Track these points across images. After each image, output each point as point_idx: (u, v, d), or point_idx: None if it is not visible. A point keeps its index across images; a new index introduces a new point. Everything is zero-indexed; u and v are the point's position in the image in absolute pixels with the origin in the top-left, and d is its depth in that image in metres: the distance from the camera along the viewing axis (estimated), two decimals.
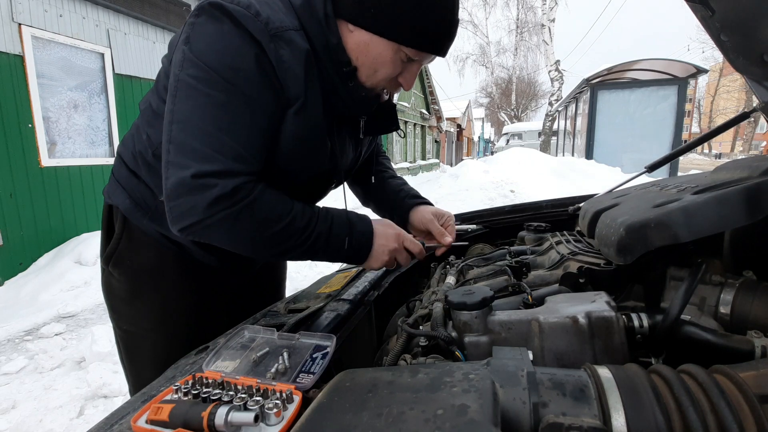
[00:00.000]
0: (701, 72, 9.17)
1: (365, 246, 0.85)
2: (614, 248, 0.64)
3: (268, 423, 0.45)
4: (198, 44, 0.69)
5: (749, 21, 0.73)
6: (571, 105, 12.99)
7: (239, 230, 0.72)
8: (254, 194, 0.71)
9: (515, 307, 0.67)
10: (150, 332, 0.96)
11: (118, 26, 5.14)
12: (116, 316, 0.99)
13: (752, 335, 0.55)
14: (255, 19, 0.68)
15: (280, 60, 0.70)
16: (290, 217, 0.75)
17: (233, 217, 0.70)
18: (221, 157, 0.68)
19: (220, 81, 0.68)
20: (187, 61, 0.69)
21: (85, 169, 4.82)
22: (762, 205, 0.57)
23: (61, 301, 3.65)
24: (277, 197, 0.76)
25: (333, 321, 0.81)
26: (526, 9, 21.44)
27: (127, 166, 0.91)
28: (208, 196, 0.67)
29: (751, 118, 2.43)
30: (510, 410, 0.39)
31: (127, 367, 1.03)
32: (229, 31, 0.68)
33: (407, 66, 0.81)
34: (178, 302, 0.96)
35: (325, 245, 0.80)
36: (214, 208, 0.68)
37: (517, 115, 32.28)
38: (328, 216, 0.82)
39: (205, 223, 0.69)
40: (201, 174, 0.67)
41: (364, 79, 0.80)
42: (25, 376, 2.49)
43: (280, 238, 0.75)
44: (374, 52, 0.77)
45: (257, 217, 0.72)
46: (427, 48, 0.78)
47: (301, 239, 0.77)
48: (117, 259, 0.94)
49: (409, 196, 1.15)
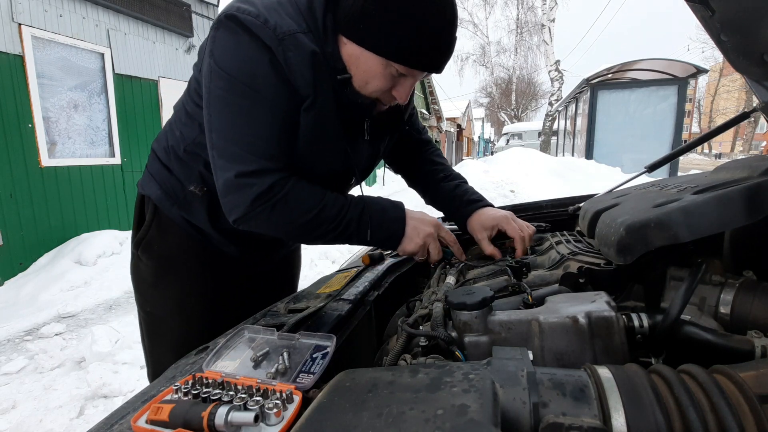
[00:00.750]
0: (701, 72, 9.18)
1: (398, 230, 0.90)
2: (614, 248, 0.64)
3: (268, 423, 0.45)
4: (220, 56, 0.77)
5: (749, 21, 0.73)
6: (571, 105, 12.99)
7: (276, 220, 0.82)
8: (287, 188, 0.81)
9: (515, 307, 0.67)
10: (169, 315, 1.05)
11: (118, 26, 5.15)
12: (141, 298, 1.09)
13: (752, 335, 0.55)
14: (264, 26, 0.74)
15: (288, 62, 0.76)
16: (321, 206, 0.83)
17: (269, 210, 0.80)
18: (255, 157, 0.78)
19: (244, 88, 0.76)
20: (214, 73, 0.78)
21: (85, 169, 4.82)
22: (762, 205, 0.57)
23: (61, 301, 3.65)
24: (309, 189, 0.84)
25: (333, 321, 0.81)
26: (526, 9, 21.45)
27: (160, 160, 1.01)
28: (250, 194, 0.78)
29: (751, 118, 2.44)
30: (510, 410, 0.39)
31: (147, 349, 1.12)
32: (244, 41, 0.75)
33: (400, 80, 0.82)
34: (197, 288, 1.04)
35: (356, 230, 0.86)
36: (255, 203, 0.79)
37: (517, 115, 32.28)
38: (360, 203, 0.88)
39: (248, 216, 0.80)
40: (241, 174, 0.78)
41: (358, 89, 0.83)
42: (25, 376, 2.50)
43: (313, 225, 0.83)
44: (364, 65, 0.79)
45: (291, 207, 0.81)
46: (416, 65, 0.78)
47: (332, 225, 0.84)
48: (146, 244, 1.03)
49: (463, 203, 1.11)
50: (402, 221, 0.90)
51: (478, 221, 1.06)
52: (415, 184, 1.22)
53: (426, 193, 1.20)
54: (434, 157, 1.21)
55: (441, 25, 0.75)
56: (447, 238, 0.95)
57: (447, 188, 1.14)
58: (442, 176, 1.17)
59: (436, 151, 1.24)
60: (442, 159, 1.23)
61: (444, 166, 1.20)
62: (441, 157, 1.23)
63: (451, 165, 1.28)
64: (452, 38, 0.79)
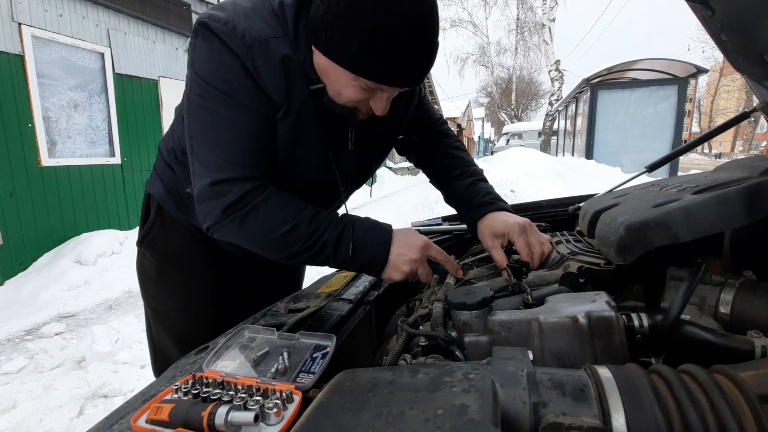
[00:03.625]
0: (701, 72, 9.17)
1: (379, 256, 0.81)
2: (614, 248, 0.64)
3: (268, 423, 0.45)
4: (198, 64, 0.76)
5: (749, 21, 0.73)
6: (571, 105, 12.99)
7: (247, 232, 0.78)
8: (259, 199, 0.77)
9: (515, 307, 0.67)
10: (174, 312, 1.06)
11: (118, 26, 5.14)
12: (147, 294, 1.10)
13: (752, 335, 0.55)
14: (232, 33, 0.72)
15: (256, 69, 0.73)
16: (296, 222, 0.78)
17: (240, 219, 0.77)
18: (230, 165, 0.76)
19: (219, 95, 0.74)
20: (193, 82, 0.76)
21: (86, 169, 4.82)
22: (762, 205, 0.57)
23: (61, 300, 3.65)
24: (286, 203, 0.79)
25: (333, 321, 0.81)
26: (526, 9, 21.45)
27: (164, 159, 1.02)
28: (223, 202, 0.76)
29: (751, 118, 2.44)
30: (510, 410, 0.39)
31: (152, 345, 1.13)
32: (217, 48, 0.73)
33: (375, 92, 0.76)
34: (200, 285, 1.05)
35: (333, 252, 0.79)
36: (227, 212, 0.76)
37: (517, 115, 32.28)
38: (341, 224, 0.81)
39: (220, 224, 0.78)
40: (216, 182, 0.76)
41: (333, 98, 0.79)
42: (25, 375, 2.49)
43: (286, 241, 0.78)
44: (333, 76, 0.75)
45: (262, 219, 0.77)
46: (384, 81, 0.72)
47: (307, 244, 0.78)
48: (149, 241, 1.05)
49: (473, 204, 1.00)
50: (386, 247, 0.81)
51: (488, 227, 0.94)
52: (434, 180, 1.14)
53: (443, 191, 1.11)
54: (451, 150, 1.11)
55: (411, 38, 0.67)
56: (438, 257, 0.85)
57: (460, 187, 1.04)
58: (457, 173, 1.07)
59: (454, 143, 1.13)
60: (460, 153, 1.12)
61: (461, 161, 1.09)
62: (459, 150, 1.12)
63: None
64: (426, 51, 0.71)
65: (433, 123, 1.14)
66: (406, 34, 0.66)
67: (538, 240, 0.90)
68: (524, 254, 0.88)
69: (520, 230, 0.90)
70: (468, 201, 1.01)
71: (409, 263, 0.81)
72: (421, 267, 0.83)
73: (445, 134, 1.15)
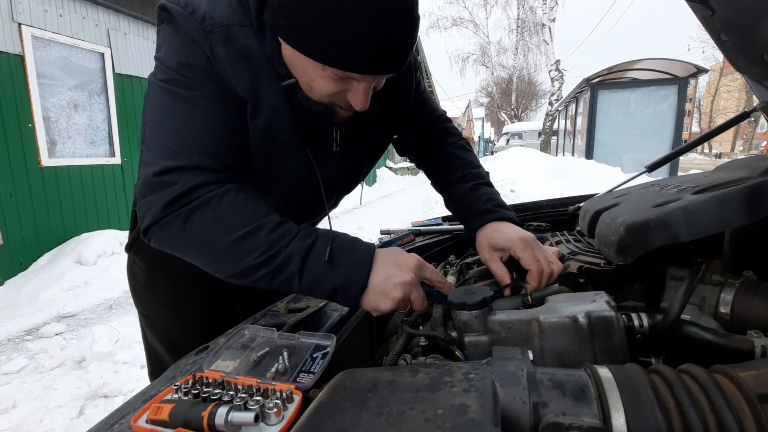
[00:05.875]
0: (701, 72, 9.18)
1: (358, 279, 0.64)
2: (614, 248, 0.64)
3: (268, 423, 0.45)
4: (161, 48, 0.71)
5: (749, 21, 0.73)
6: (571, 105, 12.99)
7: (191, 234, 0.64)
8: (212, 194, 0.65)
9: (515, 307, 0.67)
10: (165, 318, 1.04)
11: (118, 26, 5.14)
12: (138, 301, 1.07)
13: (752, 335, 0.55)
14: (191, 17, 0.66)
15: (216, 57, 0.67)
16: (254, 226, 0.63)
17: (185, 216, 0.63)
18: (185, 151, 0.66)
19: (179, 78, 0.68)
20: (156, 67, 0.70)
21: (86, 169, 4.82)
22: (762, 205, 0.57)
23: (61, 300, 3.65)
24: (244, 203, 0.66)
25: (333, 321, 0.81)
26: (526, 9, 21.46)
27: None
28: (167, 194, 0.63)
29: (751, 118, 2.44)
30: (510, 410, 0.39)
31: (147, 350, 1.11)
32: (178, 31, 0.68)
33: (351, 84, 0.67)
34: (190, 291, 1.01)
35: (299, 269, 0.63)
36: (169, 207, 0.63)
37: (517, 115, 32.27)
38: (312, 234, 0.66)
39: (161, 223, 0.64)
40: (165, 170, 0.64)
41: (307, 94, 0.71)
42: (25, 375, 2.50)
43: (239, 250, 0.63)
44: (300, 68, 0.67)
45: (211, 218, 0.63)
46: (351, 68, 0.62)
47: (266, 256, 0.63)
48: (138, 247, 1.01)
49: (472, 212, 0.88)
50: (366, 266, 0.65)
51: (487, 238, 0.82)
52: (434, 183, 1.04)
53: (443, 195, 1.01)
54: (454, 150, 1.00)
55: (379, 13, 0.58)
56: (433, 279, 0.70)
57: (460, 191, 0.93)
58: (458, 176, 0.95)
59: (457, 142, 1.02)
60: (464, 153, 1.00)
61: (463, 162, 0.98)
62: (463, 150, 1.01)
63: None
64: (400, 29, 0.61)
65: (434, 120, 1.04)
66: (372, 9, 0.57)
67: (546, 257, 0.76)
68: (534, 270, 0.74)
69: (524, 245, 0.77)
70: (468, 207, 0.90)
71: (401, 287, 0.64)
72: (415, 291, 0.67)
73: (448, 132, 1.04)
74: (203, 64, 0.68)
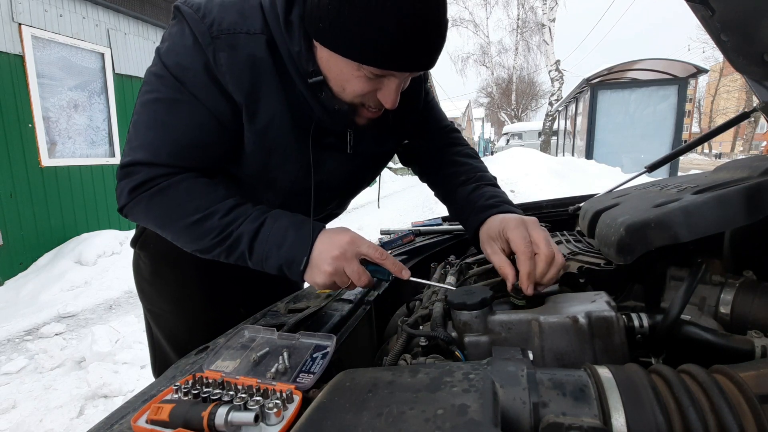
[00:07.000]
0: (701, 72, 9.18)
1: (298, 256, 0.70)
2: (614, 248, 0.64)
3: (268, 423, 0.45)
4: (164, 44, 0.74)
5: (749, 21, 0.73)
6: (571, 105, 12.99)
7: (155, 215, 0.75)
8: (170, 181, 0.73)
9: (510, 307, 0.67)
10: (169, 313, 1.05)
11: (118, 26, 5.14)
12: (143, 295, 1.08)
13: (752, 335, 0.55)
14: (200, 21, 0.69)
15: (218, 62, 0.70)
16: (208, 212, 0.72)
17: (147, 200, 0.74)
18: (152, 149, 0.73)
19: (170, 78, 0.72)
20: (154, 59, 0.74)
21: (85, 169, 4.82)
22: (762, 205, 0.57)
23: (61, 301, 3.65)
24: (201, 190, 0.74)
25: (333, 321, 0.81)
26: (526, 9, 21.47)
27: None
28: (132, 182, 0.73)
29: (751, 118, 2.44)
30: (510, 410, 0.39)
31: (151, 346, 1.12)
32: (183, 33, 0.71)
33: (383, 82, 0.70)
34: (194, 287, 1.02)
35: (248, 249, 0.71)
36: (134, 193, 0.74)
37: (517, 115, 32.28)
38: (261, 216, 0.73)
39: (130, 205, 0.75)
40: (132, 162, 0.74)
41: (337, 94, 0.73)
42: (25, 375, 2.49)
43: (196, 232, 0.72)
44: (335, 68, 0.70)
45: (168, 203, 0.73)
46: (389, 66, 0.65)
47: (219, 237, 0.71)
48: (143, 242, 1.02)
49: (474, 209, 0.84)
50: (305, 244, 0.70)
51: (486, 231, 0.78)
52: (437, 192, 1.02)
53: (446, 203, 0.97)
54: (459, 158, 0.97)
55: (410, 19, 0.61)
56: (372, 255, 0.70)
57: (462, 194, 0.89)
58: (462, 180, 0.92)
59: (463, 151, 1.00)
60: (470, 159, 0.97)
61: (468, 167, 0.95)
62: (468, 157, 0.98)
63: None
64: (435, 30, 0.64)
65: (441, 129, 1.04)
66: (409, 8, 0.60)
67: (544, 237, 0.68)
68: (520, 250, 0.66)
69: (517, 223, 0.70)
70: (469, 206, 0.85)
71: (331, 261, 0.68)
72: (348, 266, 0.69)
73: (455, 143, 1.02)
74: (200, 69, 0.71)
